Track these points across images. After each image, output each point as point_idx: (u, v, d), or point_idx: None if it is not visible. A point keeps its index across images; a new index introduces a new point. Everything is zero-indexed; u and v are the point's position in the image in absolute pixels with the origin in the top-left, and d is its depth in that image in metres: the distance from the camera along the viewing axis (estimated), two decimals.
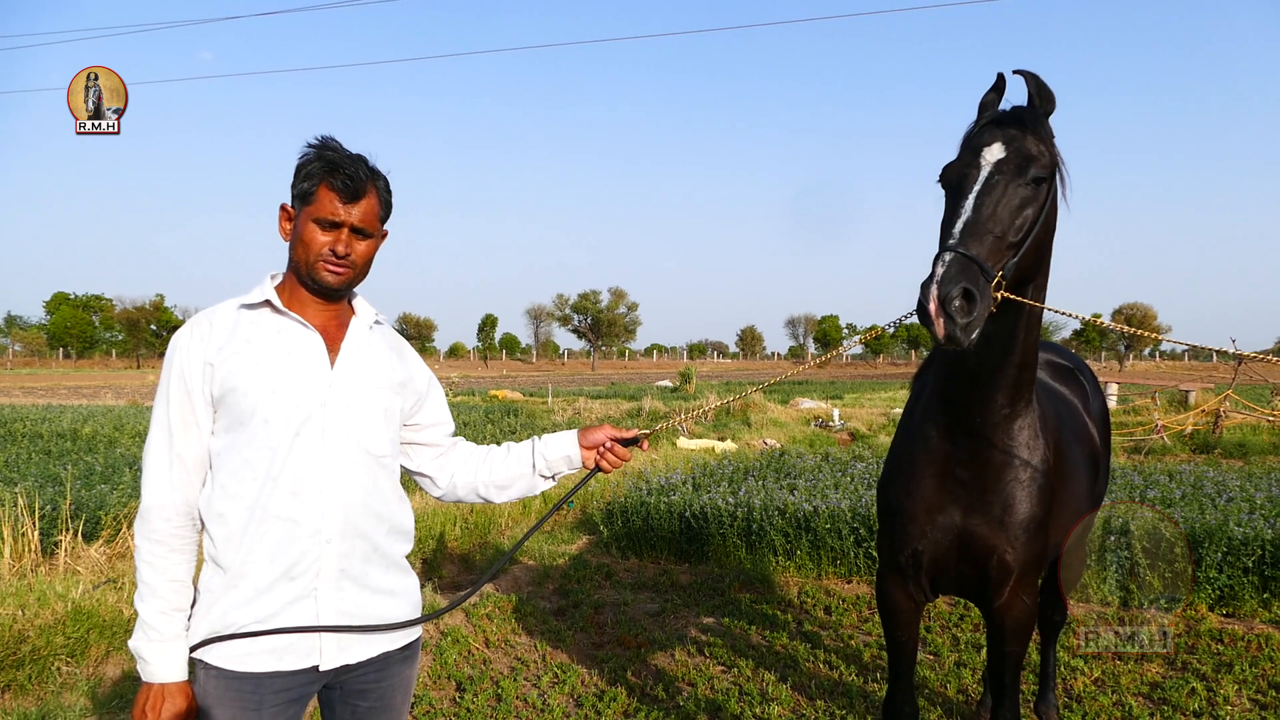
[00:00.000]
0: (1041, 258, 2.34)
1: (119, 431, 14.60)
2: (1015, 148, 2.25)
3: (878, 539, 3.12)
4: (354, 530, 1.96)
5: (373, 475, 2.01)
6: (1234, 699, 4.39)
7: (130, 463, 10.01)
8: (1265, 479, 8.70)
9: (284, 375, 1.91)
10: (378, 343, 2.11)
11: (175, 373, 1.90)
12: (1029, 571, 2.79)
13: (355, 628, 1.96)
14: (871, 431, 18.25)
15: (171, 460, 1.89)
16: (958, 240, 2.12)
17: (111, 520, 6.51)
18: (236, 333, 1.92)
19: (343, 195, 1.91)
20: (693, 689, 4.60)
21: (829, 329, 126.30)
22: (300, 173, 1.94)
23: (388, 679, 2.06)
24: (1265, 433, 16.17)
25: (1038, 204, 2.24)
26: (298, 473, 1.89)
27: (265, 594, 1.87)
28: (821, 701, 4.43)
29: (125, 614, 5.06)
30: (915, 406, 2.96)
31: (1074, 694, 4.50)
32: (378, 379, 2.05)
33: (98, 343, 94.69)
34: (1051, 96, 2.32)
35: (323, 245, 1.92)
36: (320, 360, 1.96)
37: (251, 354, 1.90)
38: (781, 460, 10.51)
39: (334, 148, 1.95)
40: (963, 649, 5.11)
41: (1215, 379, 36.47)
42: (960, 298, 2.03)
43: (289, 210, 1.99)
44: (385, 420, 2.05)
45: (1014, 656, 2.93)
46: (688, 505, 7.32)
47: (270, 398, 1.88)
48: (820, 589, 6.37)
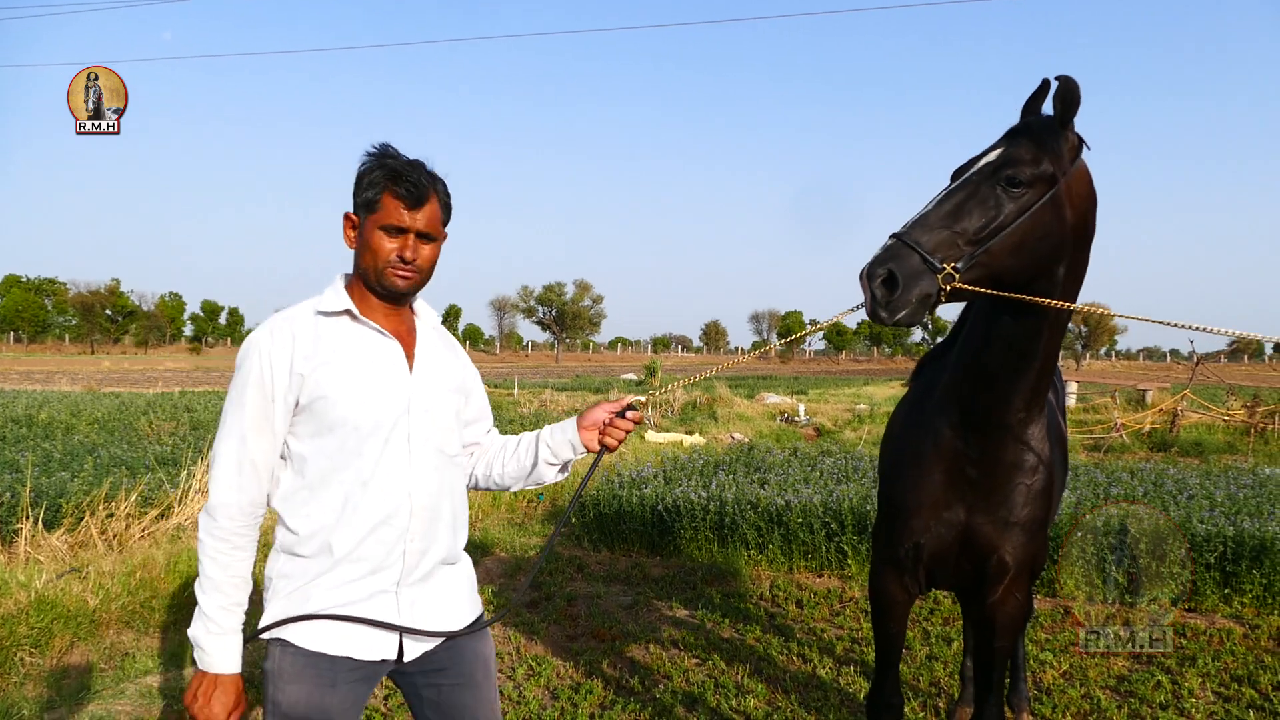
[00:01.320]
0: (1034, 262, 2.33)
1: (76, 418, 14.31)
2: (1006, 153, 2.30)
3: (875, 531, 3.13)
4: (433, 529, 2.04)
5: (448, 475, 2.10)
6: (1198, 691, 4.48)
7: (90, 449, 9.82)
8: (1223, 477, 8.88)
9: (370, 384, 1.97)
10: (439, 344, 2.18)
11: (254, 378, 1.93)
12: (1025, 569, 2.83)
13: (428, 632, 2.03)
14: (837, 427, 18.40)
15: (241, 463, 1.91)
16: (904, 229, 2.22)
17: (73, 508, 6.37)
18: (320, 342, 1.97)
19: (407, 202, 1.95)
20: (668, 681, 4.61)
21: (793, 324, 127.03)
22: (362, 181, 1.97)
23: (463, 654, 2.12)
24: (1220, 432, 16.54)
25: (1015, 205, 2.25)
26: (386, 476, 1.96)
27: (349, 585, 1.94)
28: (796, 694, 4.46)
29: (90, 604, 4.96)
30: (922, 401, 2.97)
31: (1044, 687, 4.56)
32: (447, 382, 2.13)
33: (50, 327, 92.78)
34: (1073, 102, 2.32)
35: (390, 251, 1.97)
36: (400, 368, 2.03)
37: (339, 364, 1.95)
38: (751, 454, 10.55)
39: (393, 155, 1.99)
40: (934, 642, 5.17)
41: (1171, 379, 37.22)
42: (881, 279, 2.14)
43: (353, 219, 2.02)
44: (456, 421, 2.15)
45: (1003, 652, 2.96)
46: (660, 498, 7.33)
47: (359, 407, 1.94)
48: (792, 582, 6.41)
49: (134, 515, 6.51)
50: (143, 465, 8.47)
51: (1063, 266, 2.37)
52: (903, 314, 2.15)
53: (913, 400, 3.14)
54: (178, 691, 4.23)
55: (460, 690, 2.11)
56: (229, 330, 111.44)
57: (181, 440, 11.14)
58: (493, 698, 2.18)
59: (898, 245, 2.18)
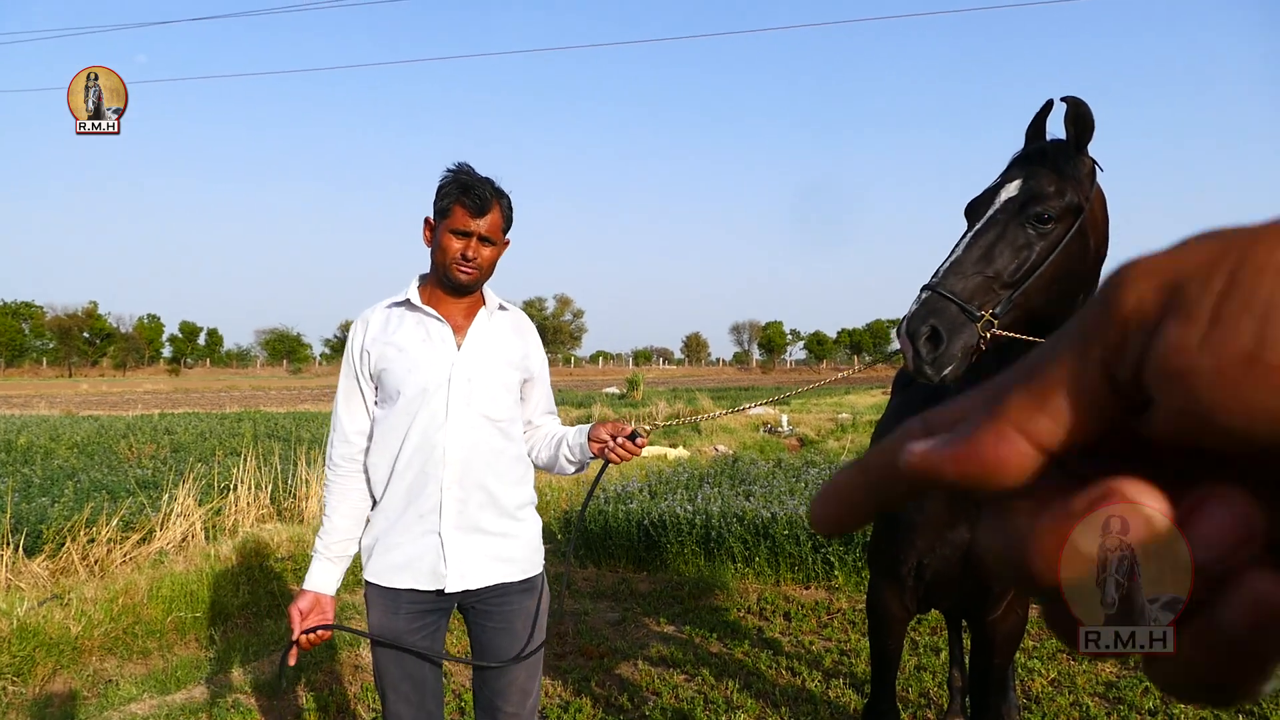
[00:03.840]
0: (1065, 294, 2.29)
1: (55, 442, 14.17)
2: (1028, 186, 2.24)
3: (874, 547, 3.11)
4: (471, 481, 2.39)
5: (488, 437, 2.42)
6: None
7: (70, 474, 9.72)
8: None
9: (418, 358, 2.37)
10: (503, 326, 2.54)
11: (346, 357, 2.49)
12: None
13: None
14: (820, 437, 18.43)
15: (338, 421, 2.46)
16: (938, 279, 2.16)
17: (54, 534, 6.31)
18: (388, 326, 2.43)
19: (472, 211, 2.35)
20: (657, 698, 4.60)
21: (773, 335, 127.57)
22: (440, 192, 2.39)
23: (509, 605, 2.46)
24: None
25: (1046, 242, 2.20)
26: (424, 433, 2.35)
27: (400, 528, 2.37)
28: (786, 708, 4.46)
29: (72, 631, 4.91)
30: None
31: (1032, 695, 4.58)
32: (497, 356, 2.47)
33: (27, 351, 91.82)
34: (1088, 126, 2.26)
35: (456, 250, 2.36)
36: (448, 344, 2.41)
37: (396, 343, 2.39)
38: (735, 467, 10.56)
39: (467, 172, 2.40)
40: (922, 653, 5.19)
41: None
42: (926, 336, 2.09)
43: (430, 222, 2.44)
44: (504, 390, 2.47)
45: (1001, 669, 2.95)
46: (646, 513, 7.32)
47: (408, 376, 2.36)
48: (779, 595, 6.42)
49: (115, 540, 6.45)
50: (123, 489, 8.39)
51: (1085, 293, 2.36)
52: (948, 370, 2.10)
53: (905, 414, 3.13)
54: (162, 718, 4.19)
55: (500, 634, 2.46)
56: (208, 351, 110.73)
57: (162, 463, 11.04)
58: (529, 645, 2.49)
59: (934, 298, 2.12)
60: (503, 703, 2.48)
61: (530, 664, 2.49)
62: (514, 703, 2.49)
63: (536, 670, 2.53)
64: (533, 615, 2.49)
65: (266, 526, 7.42)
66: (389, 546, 2.38)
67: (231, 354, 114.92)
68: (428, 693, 2.45)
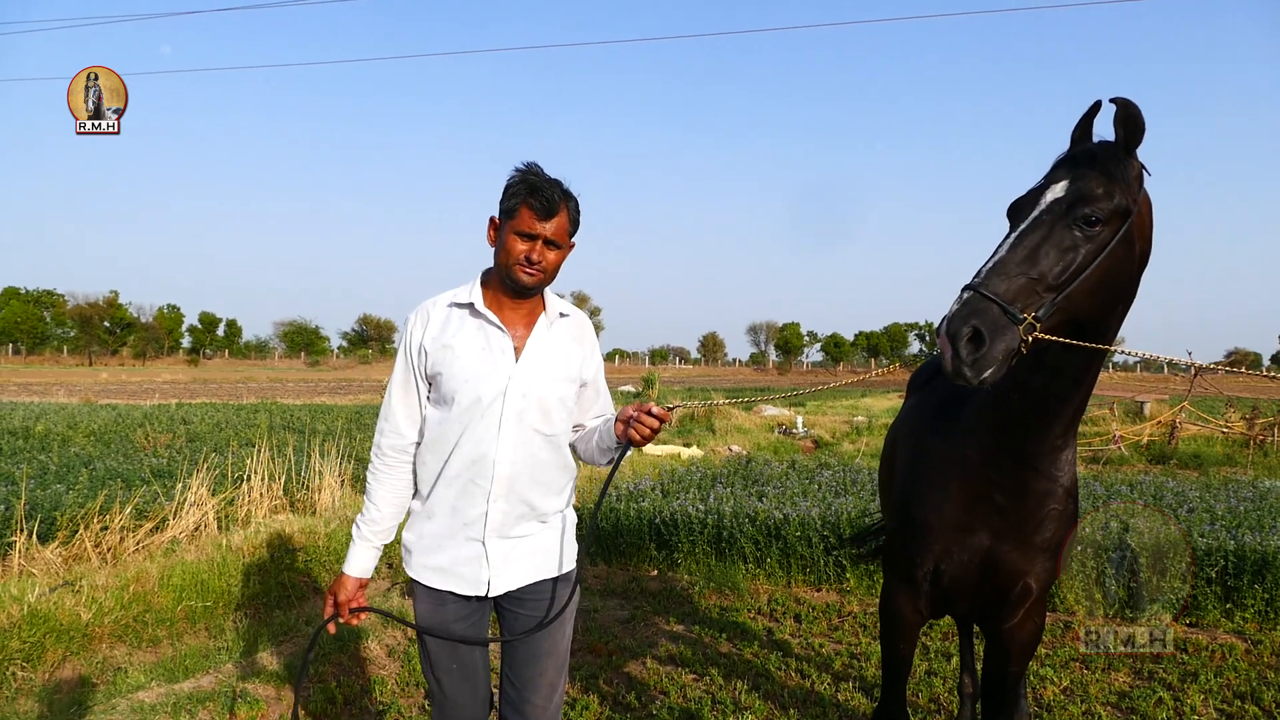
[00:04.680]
0: (1110, 300, 2.25)
1: (73, 430, 14.26)
2: (1076, 187, 2.18)
3: (889, 551, 3.08)
4: (516, 495, 2.42)
5: (538, 450, 2.44)
6: (1200, 708, 4.44)
7: (86, 462, 9.78)
8: (1223, 490, 8.86)
9: (476, 368, 2.37)
10: (562, 333, 2.53)
11: (402, 349, 2.49)
12: (1046, 592, 2.79)
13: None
14: (835, 439, 18.36)
15: (389, 412, 2.48)
16: (981, 279, 2.11)
17: (68, 521, 6.33)
18: (447, 327, 2.42)
19: (539, 213, 2.32)
20: (665, 697, 4.57)
21: (790, 335, 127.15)
22: (507, 191, 2.36)
23: (541, 596, 2.51)
24: (1219, 444, 16.49)
25: (1092, 245, 2.15)
26: (476, 445, 2.37)
27: (445, 532, 2.43)
28: (794, 710, 4.42)
29: (84, 618, 4.92)
30: (940, 420, 2.88)
31: (1044, 703, 4.53)
32: (555, 371, 2.47)
33: (49, 339, 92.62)
34: (1138, 128, 2.20)
35: (521, 252, 2.34)
36: (506, 356, 2.40)
37: (455, 347, 2.39)
38: (749, 467, 10.52)
39: (536, 173, 2.37)
40: (933, 658, 5.13)
41: (1170, 390, 37.19)
42: (968, 338, 2.04)
43: (495, 221, 2.42)
44: (559, 404, 2.48)
45: (1016, 676, 2.90)
46: (657, 512, 7.29)
47: (464, 385, 2.36)
48: (790, 597, 6.37)
49: (128, 528, 6.47)
50: (138, 478, 8.42)
51: (1127, 298, 2.31)
52: (989, 372, 2.05)
53: (923, 417, 3.06)
54: (170, 707, 4.19)
55: (529, 621, 2.49)
56: (227, 342, 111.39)
57: (178, 452, 11.09)
58: (558, 639, 2.52)
59: (976, 298, 2.07)
60: (531, 694, 2.51)
61: (558, 657, 2.53)
62: (543, 695, 2.51)
63: (564, 666, 2.57)
64: (563, 601, 2.53)
65: (279, 517, 7.43)
66: (433, 548, 2.44)
67: (250, 345, 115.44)
68: (478, 678, 2.52)
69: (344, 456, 9.22)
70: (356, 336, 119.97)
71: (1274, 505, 7.74)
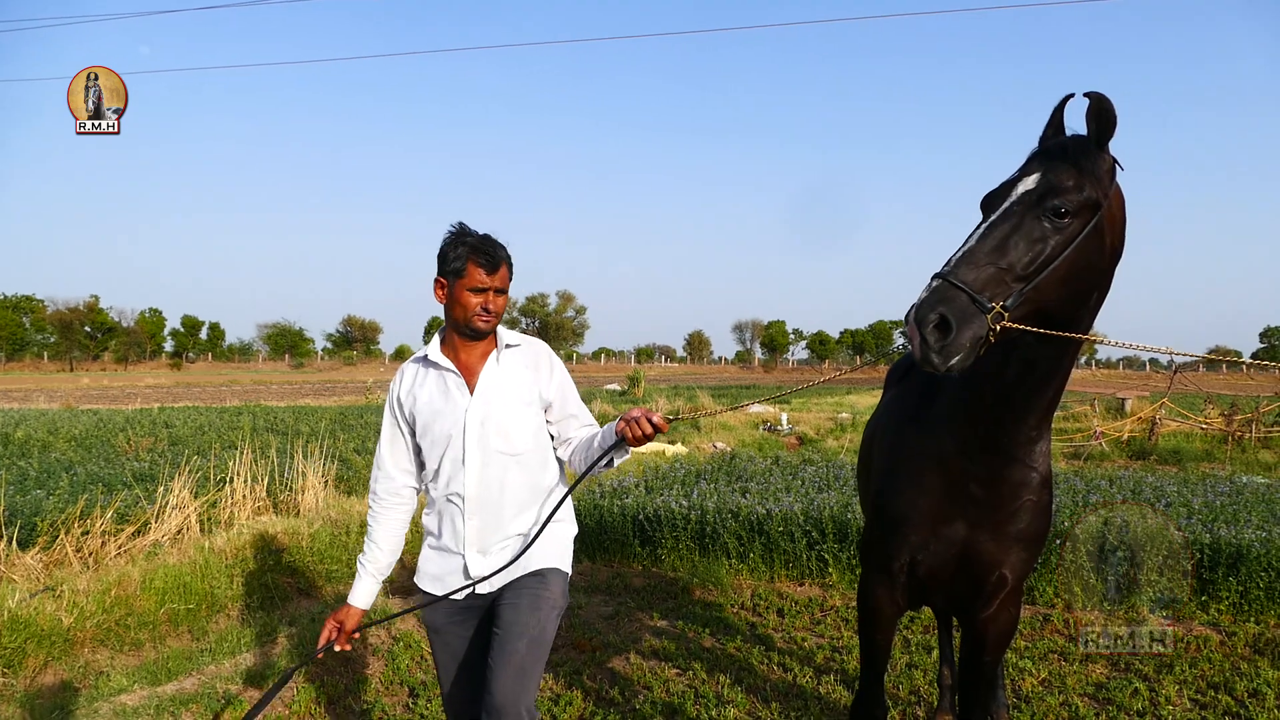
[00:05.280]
0: (1079, 292, 2.27)
1: (53, 435, 14.18)
2: (1046, 180, 2.21)
3: (867, 542, 3.10)
4: (488, 513, 2.72)
5: (503, 471, 2.72)
6: (1175, 699, 4.50)
7: (66, 467, 9.73)
8: (1200, 485, 8.97)
9: (438, 408, 2.73)
10: (513, 362, 2.81)
11: (387, 404, 2.86)
12: (1022, 584, 2.82)
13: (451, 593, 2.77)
14: (819, 435, 18.44)
15: (380, 460, 2.84)
16: (950, 267, 2.13)
17: (48, 526, 6.31)
18: (415, 379, 2.80)
19: (486, 268, 2.65)
20: (648, 692, 4.60)
21: (775, 334, 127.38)
22: (448, 255, 2.67)
23: (517, 588, 2.74)
24: (1198, 440, 16.65)
25: (1061, 237, 2.18)
26: (450, 472, 2.72)
27: (437, 548, 2.79)
28: (776, 704, 4.46)
29: (65, 623, 4.91)
30: (916, 413, 2.91)
31: (1022, 694, 4.58)
32: (508, 395, 2.76)
33: (28, 345, 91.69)
34: (1110, 122, 2.23)
35: (476, 304, 2.66)
36: (461, 391, 2.73)
37: (422, 395, 2.76)
38: (732, 463, 10.56)
39: (470, 233, 2.69)
40: (914, 651, 5.18)
41: (1150, 387, 37.49)
42: (934, 324, 2.06)
43: (443, 281, 2.70)
44: (518, 426, 2.76)
45: (991, 666, 2.93)
46: (641, 508, 7.32)
47: (432, 423, 2.73)
48: (773, 591, 6.41)
49: (110, 532, 6.45)
50: (120, 482, 8.40)
51: (1099, 291, 2.34)
52: (956, 360, 2.07)
53: (901, 410, 3.09)
54: (153, 710, 4.19)
55: (509, 609, 2.70)
56: (210, 345, 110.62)
57: (160, 456, 11.05)
58: (530, 622, 2.66)
59: (945, 286, 2.09)
60: (500, 670, 2.56)
61: (530, 640, 2.62)
62: (510, 674, 2.55)
63: (537, 652, 2.63)
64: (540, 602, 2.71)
65: (262, 519, 7.42)
66: (428, 560, 2.83)
67: (234, 348, 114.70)
68: (475, 674, 2.79)
69: (328, 457, 9.21)
70: (341, 338, 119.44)
71: (1250, 500, 7.84)
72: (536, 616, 2.68)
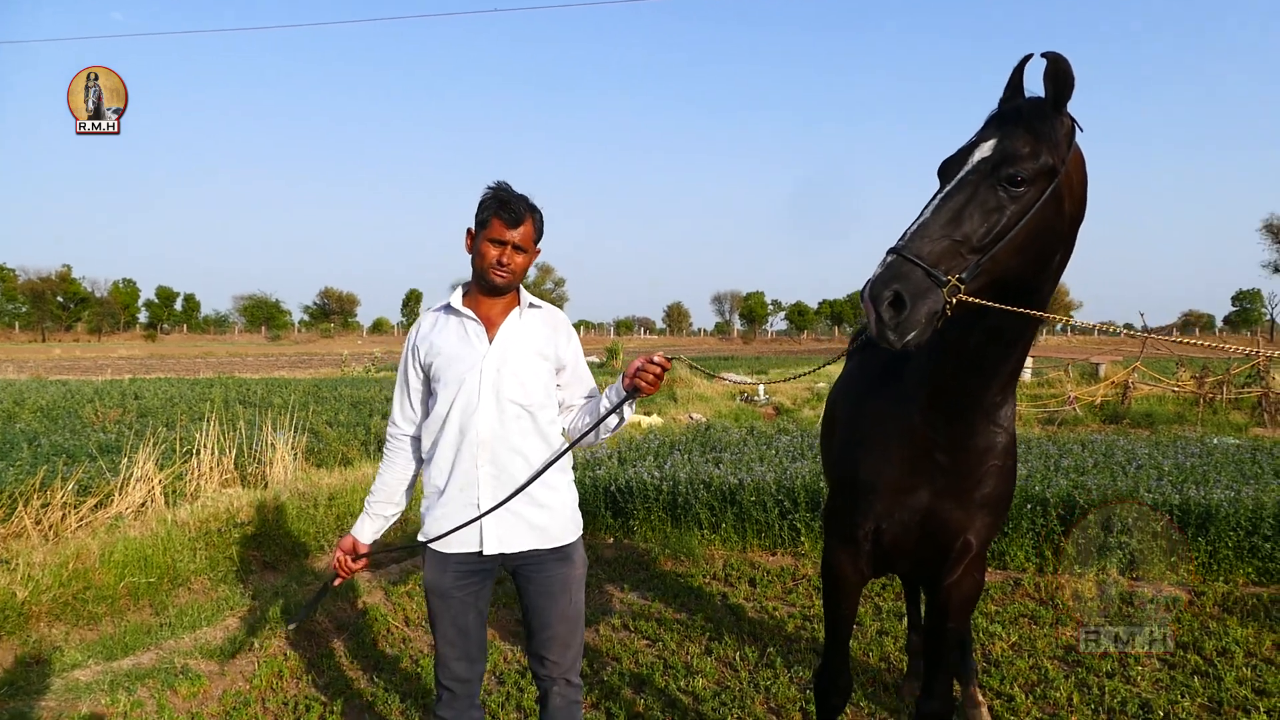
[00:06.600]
0: (1038, 260, 2.21)
1: (19, 406, 13.96)
2: (1001, 146, 2.14)
3: (830, 511, 3.06)
4: (501, 458, 2.72)
5: (517, 419, 2.74)
6: (1144, 659, 4.50)
7: (30, 438, 9.55)
8: (1171, 447, 9.00)
9: (456, 351, 2.75)
10: (534, 320, 2.85)
11: (405, 351, 2.89)
12: (985, 549, 2.79)
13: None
14: (796, 405, 18.46)
15: (400, 402, 2.89)
16: (904, 242, 2.07)
17: (6, 499, 6.17)
18: (435, 326, 2.83)
19: (508, 223, 2.70)
20: (617, 664, 4.55)
21: (754, 305, 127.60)
22: (481, 206, 2.75)
23: (545, 572, 2.80)
24: (1170, 403, 16.78)
25: (1018, 206, 2.11)
26: (462, 415, 2.72)
27: (445, 498, 2.76)
28: (745, 673, 4.42)
29: (19, 596, 4.80)
30: (880, 381, 2.86)
31: (992, 658, 4.57)
32: (526, 347, 2.78)
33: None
34: (1068, 83, 2.14)
35: (494, 257, 2.71)
36: (481, 339, 2.76)
37: (439, 339, 2.79)
38: (707, 434, 10.52)
39: (506, 189, 2.75)
40: (885, 618, 5.16)
41: (1124, 352, 37.78)
42: (889, 301, 2.01)
43: (472, 232, 2.78)
44: (533, 376, 2.78)
45: (956, 632, 2.90)
46: (613, 479, 7.25)
47: (448, 367, 2.74)
48: (745, 561, 6.38)
49: (71, 504, 6.32)
50: (84, 453, 8.25)
51: (1059, 256, 2.28)
52: (911, 335, 2.03)
53: (863, 378, 3.04)
54: (107, 685, 4.10)
55: (541, 597, 2.80)
56: (185, 316, 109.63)
57: (128, 428, 10.89)
58: (565, 606, 2.80)
59: (899, 262, 2.04)
60: (546, 652, 2.82)
61: (570, 619, 2.82)
62: (556, 652, 2.82)
63: (577, 625, 2.86)
64: (569, 582, 2.82)
65: (229, 491, 7.30)
66: (440, 518, 2.76)
67: (209, 320, 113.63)
68: (471, 640, 2.83)
69: (298, 429, 9.09)
70: (318, 310, 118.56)
71: (1220, 460, 7.87)
72: (568, 596, 2.83)
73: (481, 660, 2.89)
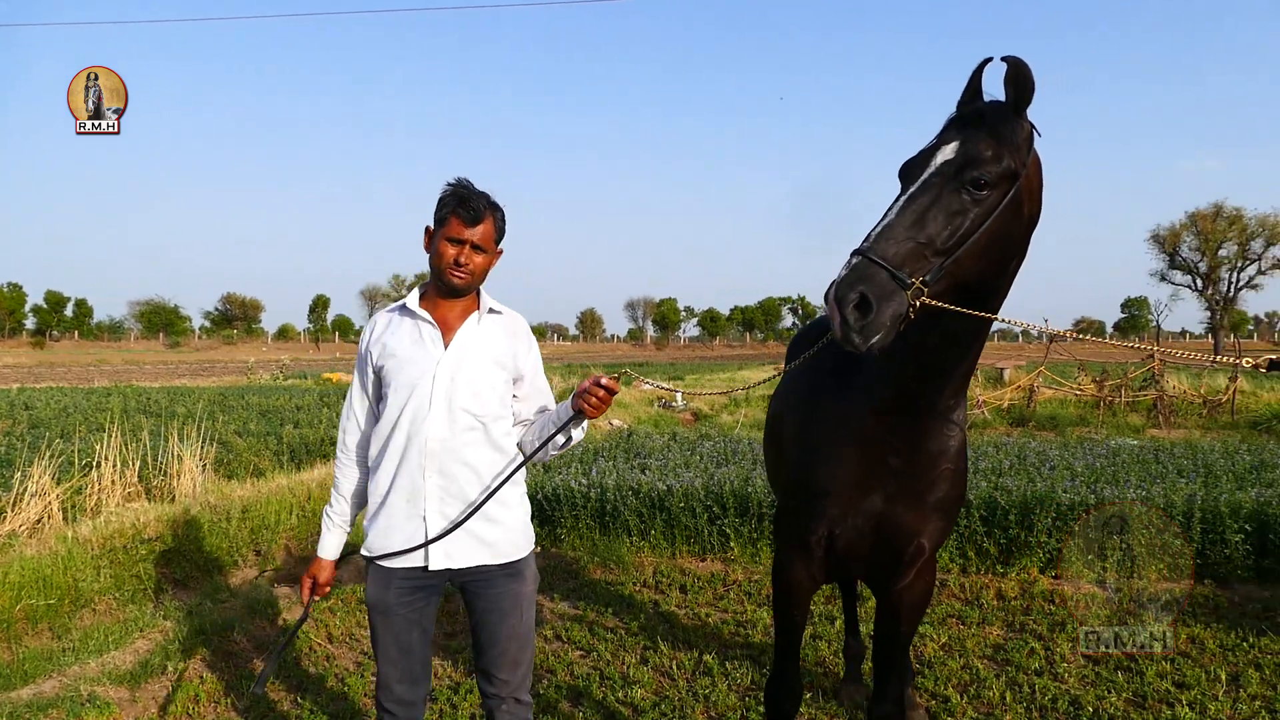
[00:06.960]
0: (998, 262, 2.23)
1: None
2: (964, 150, 2.15)
3: (782, 518, 3.03)
4: (449, 470, 2.60)
5: (468, 429, 2.63)
6: (1069, 656, 4.61)
7: None
8: (1080, 449, 9.32)
9: (409, 355, 2.63)
10: (495, 328, 2.74)
11: (358, 355, 2.78)
12: (935, 552, 2.81)
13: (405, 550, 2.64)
14: (714, 411, 18.58)
15: (351, 410, 2.78)
16: (869, 244, 2.06)
17: None
18: (389, 328, 2.72)
19: (467, 221, 2.58)
20: (552, 676, 4.45)
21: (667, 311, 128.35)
22: (439, 203, 2.63)
23: (495, 588, 2.69)
24: (1072, 406, 17.43)
25: (980, 209, 2.12)
26: (412, 422, 2.60)
27: (390, 508, 2.64)
28: (683, 682, 4.37)
29: None
30: (830, 386, 2.83)
31: (924, 659, 4.61)
32: (482, 355, 2.67)
33: None
34: (1029, 88, 2.17)
35: (451, 256, 2.60)
36: (437, 345, 2.64)
37: (391, 341, 2.67)
38: (630, 440, 10.48)
39: (465, 186, 2.64)
40: (817, 622, 5.17)
41: (1026, 357, 39.16)
42: (854, 304, 2.00)
43: (430, 231, 2.68)
44: (488, 387, 2.67)
45: (907, 636, 2.91)
46: (539, 487, 7.14)
47: (399, 370, 2.63)
48: (675, 568, 6.34)
49: None
50: None
51: (1016, 259, 2.30)
52: (876, 338, 2.01)
53: (813, 383, 3.01)
54: (4, 718, 3.82)
55: (490, 614, 2.70)
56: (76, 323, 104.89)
57: (18, 440, 10.29)
58: (516, 623, 2.71)
59: (864, 264, 2.03)
60: (496, 670, 2.73)
61: (521, 636, 2.73)
62: (506, 670, 2.73)
63: (527, 643, 2.77)
64: (520, 599, 2.73)
65: (133, 506, 6.93)
66: (381, 528, 2.65)
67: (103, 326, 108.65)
68: (415, 660, 2.71)
69: (206, 439, 8.70)
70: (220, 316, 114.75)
71: (1126, 461, 8.18)
72: (519, 613, 2.74)
73: (425, 681, 2.78)
